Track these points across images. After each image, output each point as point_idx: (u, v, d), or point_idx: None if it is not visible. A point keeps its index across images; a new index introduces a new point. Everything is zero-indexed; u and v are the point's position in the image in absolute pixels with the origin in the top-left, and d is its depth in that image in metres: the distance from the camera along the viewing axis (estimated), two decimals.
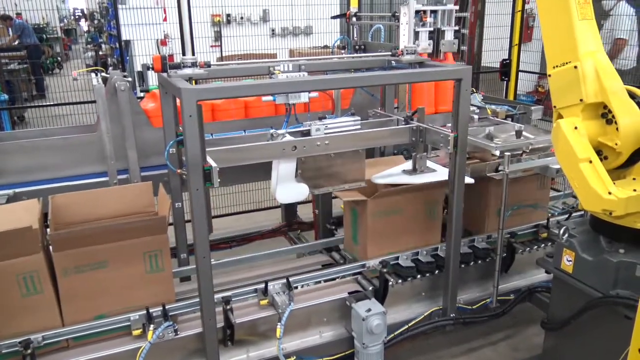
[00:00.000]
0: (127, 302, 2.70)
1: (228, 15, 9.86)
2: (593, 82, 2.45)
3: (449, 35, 3.69)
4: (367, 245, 3.25)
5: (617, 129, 2.44)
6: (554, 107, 2.63)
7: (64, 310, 2.62)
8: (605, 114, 2.49)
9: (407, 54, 3.26)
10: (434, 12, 3.64)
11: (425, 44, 3.60)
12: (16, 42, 11.83)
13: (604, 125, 2.50)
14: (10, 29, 11.86)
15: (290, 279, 2.97)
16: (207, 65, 2.96)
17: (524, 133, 3.38)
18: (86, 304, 2.65)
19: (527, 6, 6.72)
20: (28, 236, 2.45)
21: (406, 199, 3.26)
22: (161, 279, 2.77)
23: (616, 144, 2.44)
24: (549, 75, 2.61)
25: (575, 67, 2.46)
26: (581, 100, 2.47)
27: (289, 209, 4.61)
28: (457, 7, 3.72)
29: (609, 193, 2.35)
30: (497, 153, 3.13)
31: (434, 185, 3.26)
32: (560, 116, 2.60)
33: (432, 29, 3.63)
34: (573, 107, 2.52)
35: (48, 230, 2.67)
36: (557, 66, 2.56)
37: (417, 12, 3.59)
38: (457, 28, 3.71)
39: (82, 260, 2.58)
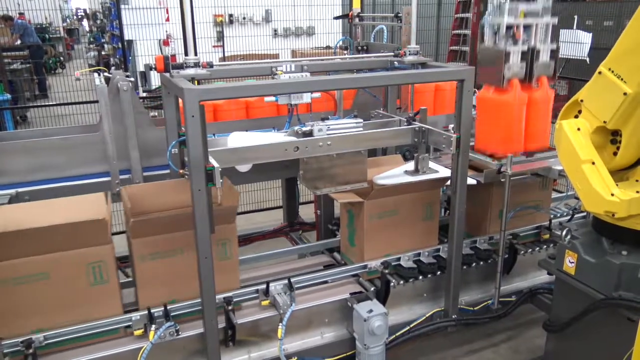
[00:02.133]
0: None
1: (230, 15, 9.89)
2: (628, 116, 2.34)
3: (544, 56, 2.86)
4: (365, 247, 3.23)
5: (614, 153, 2.45)
6: (581, 100, 2.50)
7: (139, 295, 2.76)
8: (615, 133, 2.46)
9: (409, 54, 3.26)
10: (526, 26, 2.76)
11: (516, 66, 2.82)
12: (18, 42, 11.86)
13: (607, 143, 2.49)
14: (11, 29, 11.88)
15: (292, 280, 2.97)
16: (210, 65, 2.96)
17: None
18: (161, 289, 2.76)
19: None
20: (99, 227, 2.55)
21: (403, 200, 3.24)
22: (228, 266, 2.88)
23: None
24: (599, 72, 2.37)
25: (625, 94, 2.27)
26: (605, 122, 2.39)
27: (291, 210, 4.60)
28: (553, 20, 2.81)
29: (612, 195, 2.34)
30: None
31: (431, 186, 3.25)
32: (578, 106, 2.52)
33: (525, 48, 2.79)
34: (594, 119, 2.44)
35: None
36: (612, 71, 2.32)
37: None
38: (555, 46, 2.85)
39: (159, 247, 2.72)
